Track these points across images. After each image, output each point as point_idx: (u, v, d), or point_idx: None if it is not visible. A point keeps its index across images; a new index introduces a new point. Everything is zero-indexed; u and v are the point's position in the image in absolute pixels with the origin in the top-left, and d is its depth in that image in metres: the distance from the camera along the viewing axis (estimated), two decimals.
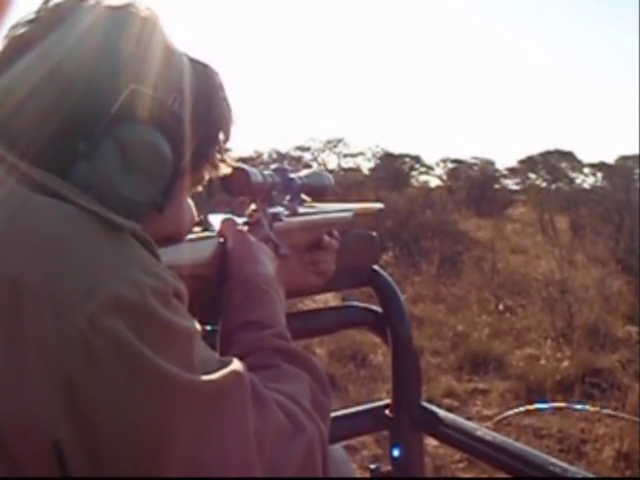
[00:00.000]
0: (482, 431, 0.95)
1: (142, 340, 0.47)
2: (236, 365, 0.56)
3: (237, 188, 0.79)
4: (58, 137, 0.53)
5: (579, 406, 3.18)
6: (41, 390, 0.45)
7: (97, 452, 0.46)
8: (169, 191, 0.59)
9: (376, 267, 1.08)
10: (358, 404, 1.16)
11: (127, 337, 0.47)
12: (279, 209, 0.87)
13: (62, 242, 0.48)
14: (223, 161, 0.71)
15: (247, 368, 0.57)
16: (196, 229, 0.77)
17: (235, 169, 0.76)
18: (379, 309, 1.08)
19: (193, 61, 0.64)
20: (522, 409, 2.84)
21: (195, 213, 0.71)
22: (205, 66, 0.66)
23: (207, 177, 0.71)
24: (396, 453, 1.05)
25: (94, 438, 0.46)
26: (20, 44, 0.56)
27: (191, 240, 0.73)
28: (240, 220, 0.82)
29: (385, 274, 1.08)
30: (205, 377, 0.51)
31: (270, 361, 0.64)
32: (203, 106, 0.64)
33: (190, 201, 0.70)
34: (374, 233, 1.06)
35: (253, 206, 0.85)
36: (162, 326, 0.49)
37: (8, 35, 0.57)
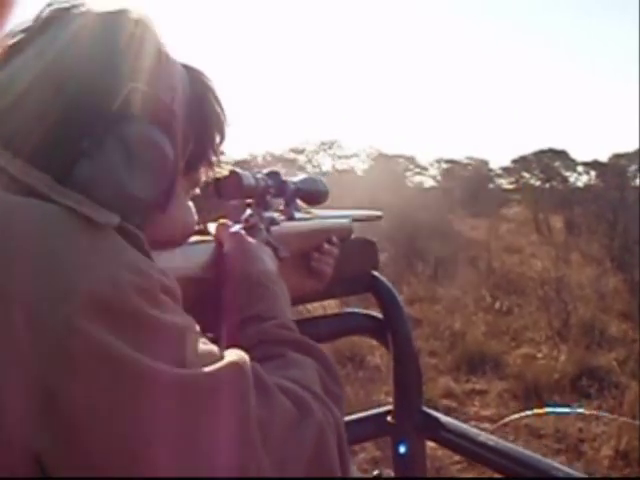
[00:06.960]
0: (484, 436, 0.95)
1: (123, 339, 0.45)
2: (236, 356, 0.54)
3: (229, 191, 0.78)
4: (58, 136, 0.52)
5: (600, 413, 3.17)
6: (20, 403, 0.43)
7: (82, 460, 0.44)
8: (171, 190, 0.58)
9: (376, 273, 1.08)
10: (356, 406, 1.16)
11: (105, 338, 0.45)
12: (275, 214, 0.86)
13: (34, 244, 0.46)
14: (219, 162, 0.71)
15: (251, 360, 0.55)
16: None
17: (227, 172, 0.76)
18: (379, 315, 1.08)
19: (185, 66, 0.65)
20: (540, 411, 2.80)
21: (196, 216, 0.70)
22: (197, 70, 0.67)
23: (203, 179, 0.70)
24: (402, 449, 1.05)
25: (78, 446, 0.44)
26: (13, 50, 0.55)
27: (187, 244, 0.72)
28: (236, 226, 0.81)
29: (385, 280, 1.08)
30: (201, 370, 0.49)
31: (275, 351, 0.63)
32: (198, 106, 0.64)
33: (191, 203, 0.70)
34: (374, 239, 1.06)
35: (249, 211, 0.84)
36: (145, 323, 0.47)
37: (1, 44, 0.57)
